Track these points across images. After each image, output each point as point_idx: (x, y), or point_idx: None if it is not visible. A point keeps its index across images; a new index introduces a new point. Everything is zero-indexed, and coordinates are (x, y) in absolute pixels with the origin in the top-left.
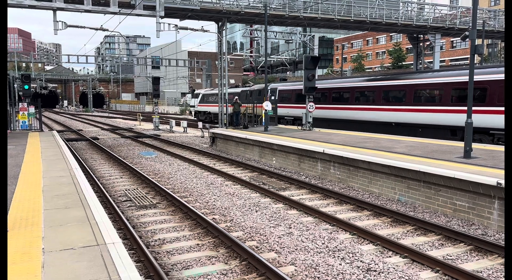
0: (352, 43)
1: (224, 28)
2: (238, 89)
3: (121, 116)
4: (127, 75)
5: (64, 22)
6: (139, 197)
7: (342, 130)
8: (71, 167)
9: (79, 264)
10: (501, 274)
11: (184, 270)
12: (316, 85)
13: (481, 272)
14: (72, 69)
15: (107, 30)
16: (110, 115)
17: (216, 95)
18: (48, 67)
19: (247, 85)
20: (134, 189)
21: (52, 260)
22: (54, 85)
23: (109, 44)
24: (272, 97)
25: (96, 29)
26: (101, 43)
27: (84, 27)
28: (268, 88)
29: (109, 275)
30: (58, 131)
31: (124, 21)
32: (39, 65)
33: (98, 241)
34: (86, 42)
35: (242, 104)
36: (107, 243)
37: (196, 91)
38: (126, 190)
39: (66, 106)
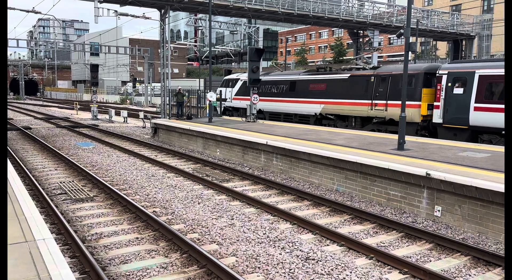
0: (295, 36)
1: (167, 16)
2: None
3: (57, 105)
4: (63, 62)
5: None
6: (75, 190)
7: (285, 123)
8: None
9: None
10: (427, 259)
11: (122, 264)
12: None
13: (410, 257)
14: None
15: (39, 13)
16: (45, 103)
17: (283, 84)
18: None
19: (348, 66)
20: (70, 182)
21: None
22: None
23: (43, 28)
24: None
25: (28, 11)
26: (34, 26)
27: (13, 8)
28: (413, 72)
29: (37, 273)
30: None
31: (61, 5)
32: None
33: (27, 237)
34: (16, 25)
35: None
36: (36, 240)
37: (230, 76)
38: (61, 183)
39: None
